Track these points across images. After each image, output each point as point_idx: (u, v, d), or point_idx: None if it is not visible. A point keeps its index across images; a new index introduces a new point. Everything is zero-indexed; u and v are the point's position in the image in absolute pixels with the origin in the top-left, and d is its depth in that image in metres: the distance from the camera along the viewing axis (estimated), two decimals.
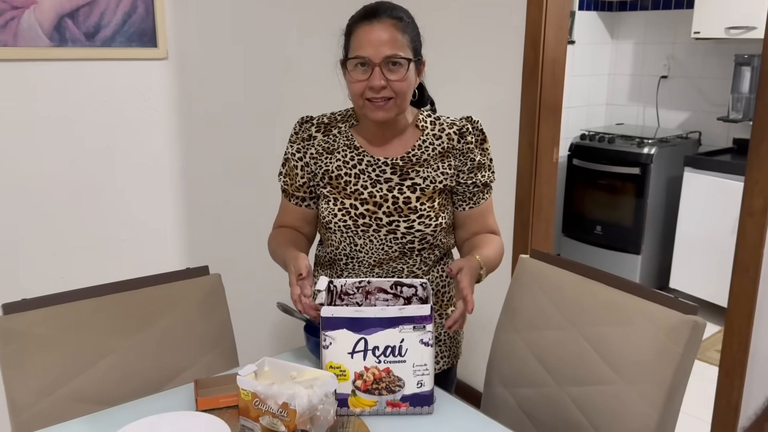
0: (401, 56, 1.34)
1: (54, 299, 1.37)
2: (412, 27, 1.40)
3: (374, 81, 1.33)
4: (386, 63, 1.34)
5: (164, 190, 2.36)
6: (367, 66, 1.34)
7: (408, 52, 1.36)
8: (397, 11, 1.38)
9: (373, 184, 1.44)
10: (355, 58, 1.35)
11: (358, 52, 1.35)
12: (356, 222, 1.43)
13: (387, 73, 1.34)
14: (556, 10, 2.26)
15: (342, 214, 1.44)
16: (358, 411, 1.26)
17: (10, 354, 1.32)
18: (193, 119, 2.37)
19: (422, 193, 1.44)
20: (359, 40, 1.35)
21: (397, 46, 1.34)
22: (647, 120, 4.31)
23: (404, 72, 1.35)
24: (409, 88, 1.39)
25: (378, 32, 1.33)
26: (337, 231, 1.45)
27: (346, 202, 1.44)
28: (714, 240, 3.49)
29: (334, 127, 1.49)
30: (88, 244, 2.22)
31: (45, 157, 2.11)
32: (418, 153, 1.46)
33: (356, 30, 1.36)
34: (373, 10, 1.36)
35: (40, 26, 2.03)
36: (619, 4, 4.31)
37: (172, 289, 1.51)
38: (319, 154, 1.48)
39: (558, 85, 2.36)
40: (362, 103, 1.38)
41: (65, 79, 2.10)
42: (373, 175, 1.45)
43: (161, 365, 1.46)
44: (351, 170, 1.46)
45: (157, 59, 2.25)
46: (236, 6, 2.38)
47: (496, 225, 1.57)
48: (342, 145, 1.47)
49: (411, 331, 1.23)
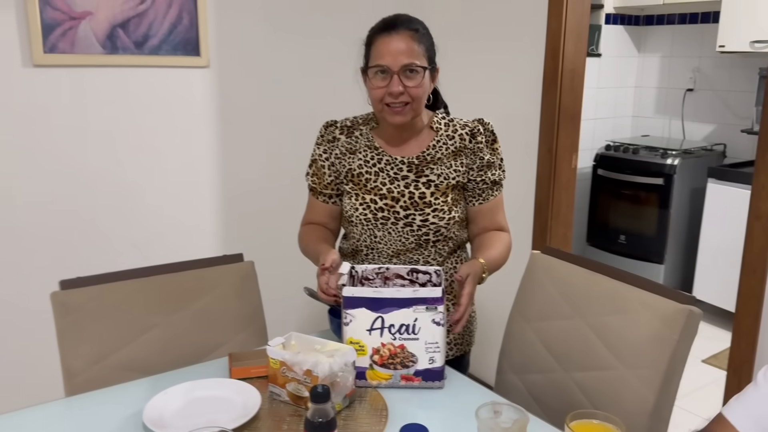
0: (417, 64, 1.47)
1: (105, 278, 1.53)
2: (427, 38, 1.52)
3: (393, 87, 1.46)
4: (404, 71, 1.46)
5: (203, 188, 2.53)
6: (386, 74, 1.47)
7: (423, 60, 1.49)
8: (413, 23, 1.50)
9: (391, 181, 1.57)
10: (375, 66, 1.48)
11: (378, 61, 1.47)
12: (376, 215, 1.56)
13: (404, 80, 1.47)
14: (576, 22, 2.37)
15: (363, 208, 1.57)
16: (374, 383, 1.38)
17: (66, 325, 1.47)
18: (231, 123, 2.53)
19: (436, 188, 1.56)
20: (379, 50, 1.47)
21: (413, 55, 1.46)
22: (673, 132, 4.36)
23: (420, 79, 1.48)
24: (424, 93, 1.51)
25: (396, 43, 1.46)
26: (359, 224, 1.59)
27: (366, 197, 1.58)
28: (737, 251, 3.47)
29: (356, 129, 1.63)
30: (133, 236, 2.40)
31: (94, 156, 2.29)
32: (432, 152, 1.58)
33: (376, 40, 1.49)
34: (391, 22, 1.49)
35: (94, 35, 2.21)
36: (646, 18, 4.38)
37: (210, 273, 1.65)
38: (342, 154, 1.61)
39: (577, 94, 2.46)
40: (381, 108, 1.51)
41: (115, 84, 2.28)
42: (392, 173, 1.58)
43: (198, 340, 1.60)
44: (371, 168, 1.59)
45: (200, 67, 2.42)
46: (273, 18, 2.54)
47: (506, 222, 1.67)
48: (363, 146, 1.61)
49: (424, 312, 1.35)
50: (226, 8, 2.43)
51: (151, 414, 1.23)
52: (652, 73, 4.43)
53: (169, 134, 2.42)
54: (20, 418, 1.27)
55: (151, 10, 2.28)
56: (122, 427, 1.23)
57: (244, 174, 2.60)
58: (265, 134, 2.61)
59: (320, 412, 1.03)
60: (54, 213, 2.25)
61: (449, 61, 1.57)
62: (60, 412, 1.33)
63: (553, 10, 2.38)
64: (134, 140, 2.35)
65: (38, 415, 1.29)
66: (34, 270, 2.23)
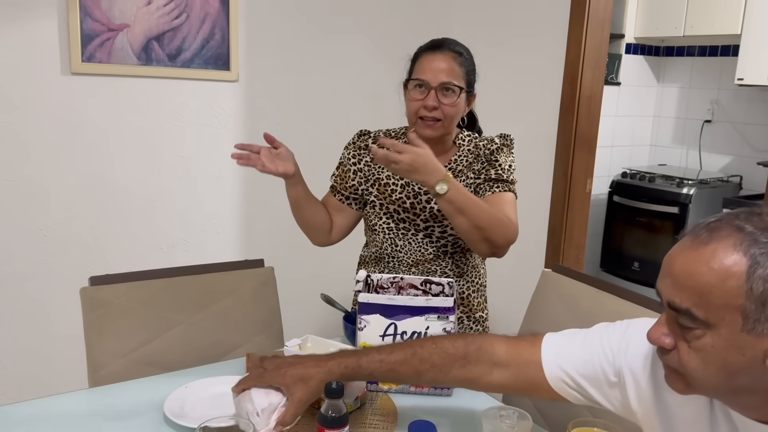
0: (455, 84, 1.55)
1: (132, 276, 1.61)
2: (469, 62, 1.61)
3: (428, 101, 1.55)
4: (441, 88, 1.55)
5: (227, 197, 2.61)
6: (424, 88, 1.56)
7: (462, 82, 1.57)
8: (458, 47, 1.60)
9: (414, 196, 1.64)
10: (415, 80, 1.57)
11: (419, 75, 1.56)
12: (398, 225, 1.63)
13: (441, 96, 1.55)
14: (594, 50, 2.44)
15: (386, 217, 1.65)
16: (385, 388, 1.43)
17: (94, 319, 1.55)
18: (257, 135, 2.60)
19: None
20: (422, 66, 1.57)
21: (452, 76, 1.55)
22: (690, 162, 4.39)
23: (455, 98, 1.56)
24: (457, 113, 1.59)
25: (439, 61, 1.55)
26: (381, 232, 1.66)
27: (390, 208, 1.65)
28: None
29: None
30: (159, 239, 2.49)
31: (126, 162, 2.38)
32: (454, 166, 1.66)
33: (421, 57, 1.59)
34: (439, 43, 1.59)
35: (130, 47, 2.31)
36: (666, 49, 4.44)
37: (231, 276, 1.72)
38: (373, 163, 1.69)
39: (593, 120, 2.52)
40: (415, 120, 1.59)
41: (148, 94, 2.38)
42: (416, 188, 1.65)
43: (218, 340, 1.66)
44: (398, 181, 1.66)
45: (229, 81, 2.52)
46: (302, 36, 2.64)
47: (511, 216, 1.59)
48: None
49: (435, 320, 1.40)
50: (257, 26, 2.53)
51: (172, 406, 1.30)
52: (671, 104, 4.47)
53: (198, 144, 2.51)
54: (45, 405, 1.33)
55: (185, 25, 2.38)
56: (143, 417, 1.29)
57: (267, 184, 2.66)
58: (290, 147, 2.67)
59: (334, 407, 1.09)
60: (85, 215, 2.34)
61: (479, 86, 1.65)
62: (84, 401, 1.39)
63: (572, 38, 2.45)
64: (164, 148, 2.44)
65: (62, 403, 1.35)
66: (65, 268, 2.33)
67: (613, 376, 1.02)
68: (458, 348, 1.12)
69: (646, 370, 0.98)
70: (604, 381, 1.03)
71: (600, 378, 1.03)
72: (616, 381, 1.02)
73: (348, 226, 1.75)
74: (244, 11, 2.49)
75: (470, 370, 1.11)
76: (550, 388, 1.08)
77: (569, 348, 1.07)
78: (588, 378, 1.04)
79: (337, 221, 1.73)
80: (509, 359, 1.10)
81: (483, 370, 1.11)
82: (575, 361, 1.05)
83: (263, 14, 2.54)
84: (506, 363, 1.10)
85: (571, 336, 1.09)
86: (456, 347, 1.12)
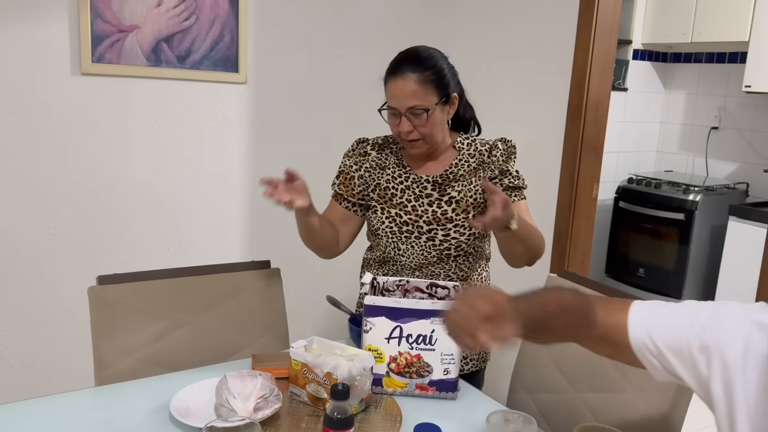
0: (420, 107, 1.54)
1: (140, 276, 1.62)
2: (436, 71, 1.56)
3: (402, 127, 1.57)
4: (410, 112, 1.55)
5: (235, 198, 2.62)
6: (396, 115, 1.57)
7: (429, 99, 1.54)
8: (419, 64, 1.54)
9: (416, 199, 1.65)
10: (387, 108, 1.60)
11: (389, 103, 1.58)
12: (401, 229, 1.64)
13: (412, 119, 1.55)
14: (602, 56, 2.44)
15: (389, 221, 1.65)
16: (390, 391, 1.43)
17: (101, 318, 1.56)
18: (264, 138, 2.63)
19: (457, 205, 1.63)
20: (389, 93, 1.58)
21: (417, 98, 1.53)
22: (696, 169, 4.39)
23: (426, 118, 1.56)
24: (434, 128, 1.59)
25: (401, 87, 1.54)
26: (384, 236, 1.66)
27: (392, 212, 1.65)
28: (756, 289, 3.53)
29: (387, 147, 1.72)
30: (166, 239, 2.50)
31: (134, 162, 2.40)
32: (454, 170, 1.66)
33: (388, 82, 1.58)
34: (399, 64, 1.56)
35: (140, 48, 2.33)
36: (673, 56, 4.44)
37: (238, 277, 1.73)
38: (373, 168, 1.70)
39: (600, 125, 2.52)
40: (400, 140, 1.62)
41: (157, 95, 2.39)
42: (417, 191, 1.65)
43: (224, 341, 1.67)
44: (398, 185, 1.67)
45: (238, 83, 2.53)
46: (310, 40, 2.65)
47: (535, 225, 1.66)
48: (392, 163, 1.70)
49: (441, 324, 1.40)
50: (266, 29, 2.54)
51: (178, 405, 1.30)
52: (678, 110, 4.47)
53: (205, 145, 2.52)
54: (51, 403, 1.34)
55: (194, 27, 2.40)
56: (149, 416, 1.30)
57: None
58: (296, 149, 2.70)
59: (339, 408, 1.10)
60: (92, 214, 2.35)
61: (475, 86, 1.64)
62: (90, 400, 1.40)
63: (580, 43, 2.45)
64: (172, 149, 2.46)
65: (69, 401, 1.36)
66: (73, 267, 2.34)
67: (697, 351, 1.01)
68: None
69: (737, 354, 0.96)
70: (687, 353, 1.02)
71: (683, 350, 1.02)
72: (700, 356, 1.00)
73: (353, 234, 1.76)
74: (254, 14, 2.50)
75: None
76: (632, 352, 1.08)
77: (656, 316, 1.06)
78: (671, 348, 1.04)
79: (344, 231, 1.74)
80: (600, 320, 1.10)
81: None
82: (661, 329, 1.05)
83: (272, 17, 2.55)
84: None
85: (659, 305, 1.09)
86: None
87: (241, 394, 1.22)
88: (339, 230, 1.73)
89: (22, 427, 1.24)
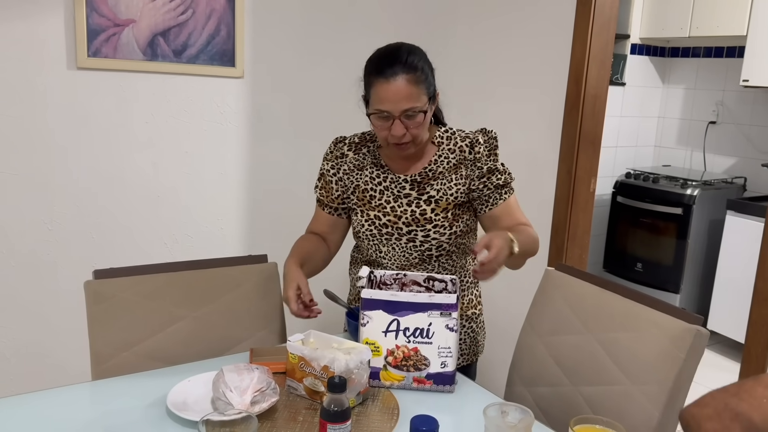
0: (418, 108, 1.49)
1: (136, 270, 1.61)
2: (424, 70, 1.50)
3: (396, 131, 1.49)
4: (404, 115, 1.48)
5: (231, 192, 2.62)
6: (388, 118, 1.49)
7: (423, 98, 1.49)
8: (410, 63, 1.47)
9: (395, 199, 1.62)
10: (376, 111, 1.49)
11: (379, 106, 1.48)
12: (380, 231, 1.63)
13: (406, 121, 1.49)
14: (599, 50, 2.44)
15: (368, 224, 1.64)
16: (387, 384, 1.43)
17: (98, 312, 1.55)
18: (260, 132, 2.63)
19: (437, 205, 1.60)
20: (378, 96, 1.48)
21: (412, 99, 1.47)
22: (694, 164, 4.39)
23: (421, 118, 1.51)
24: (425, 127, 1.54)
25: (395, 89, 1.46)
26: (365, 239, 1.65)
27: (371, 214, 1.64)
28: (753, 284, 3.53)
29: (363, 146, 1.68)
30: (163, 234, 2.49)
31: (131, 157, 2.39)
32: (434, 167, 1.62)
33: (375, 84, 1.48)
34: (386, 66, 1.47)
35: (136, 42, 2.32)
36: (671, 50, 4.44)
37: (235, 271, 1.72)
38: (350, 170, 1.67)
39: (598, 119, 2.52)
40: (387, 144, 1.55)
41: (153, 89, 2.39)
42: (395, 191, 1.63)
43: (221, 335, 1.67)
44: (376, 187, 1.64)
45: (234, 77, 2.52)
46: (307, 34, 2.64)
47: (527, 220, 1.65)
48: (370, 163, 1.66)
49: (438, 317, 1.40)
50: (263, 23, 2.53)
51: (175, 399, 1.30)
52: (676, 105, 4.47)
53: (202, 139, 2.51)
54: (48, 398, 1.34)
55: (191, 21, 2.39)
56: (146, 410, 1.30)
57: (270, 180, 2.69)
58: (292, 143, 2.69)
59: (336, 401, 1.09)
60: (89, 209, 2.35)
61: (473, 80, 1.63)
62: (87, 394, 1.40)
63: (578, 38, 2.44)
64: (168, 143, 2.45)
65: (65, 396, 1.36)
66: (69, 262, 2.33)
67: None
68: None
69: None
70: None
71: None
72: None
73: (343, 236, 1.76)
74: (250, 8, 2.49)
75: None
76: None
77: None
78: None
79: (333, 239, 1.74)
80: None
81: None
82: None
83: (269, 11, 2.54)
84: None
85: None
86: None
87: (238, 388, 1.22)
88: (328, 239, 1.73)
89: (19, 422, 1.24)
